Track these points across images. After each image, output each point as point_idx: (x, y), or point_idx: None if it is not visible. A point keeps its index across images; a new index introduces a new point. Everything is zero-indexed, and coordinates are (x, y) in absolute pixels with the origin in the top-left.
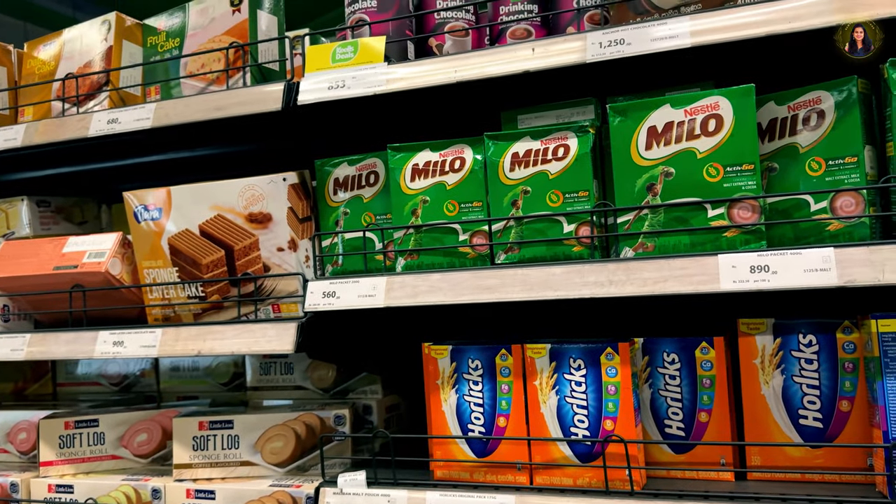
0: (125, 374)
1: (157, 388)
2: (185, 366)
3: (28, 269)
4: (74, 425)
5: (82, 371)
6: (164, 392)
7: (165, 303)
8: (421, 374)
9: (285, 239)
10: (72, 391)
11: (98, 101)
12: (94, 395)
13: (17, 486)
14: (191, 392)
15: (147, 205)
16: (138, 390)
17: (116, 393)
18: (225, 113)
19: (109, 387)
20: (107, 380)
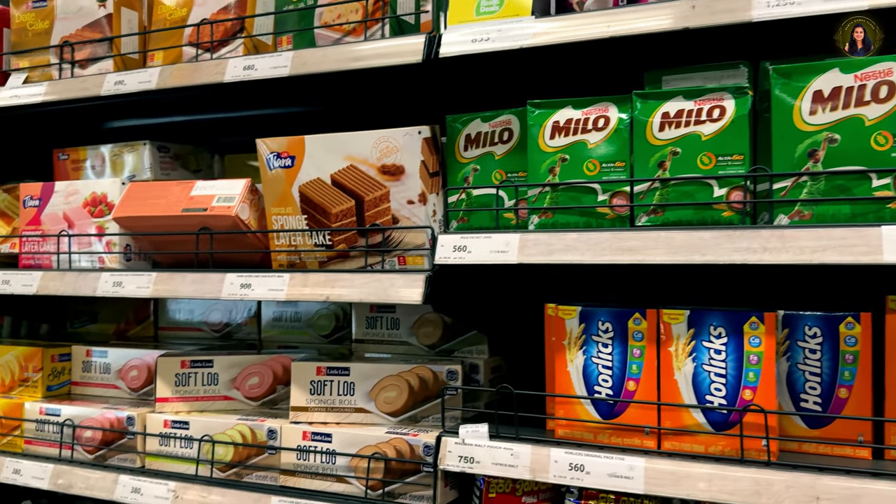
0: (227, 321)
1: (258, 336)
2: (286, 316)
3: (156, 209)
4: (190, 364)
5: (184, 317)
6: (264, 341)
7: (292, 249)
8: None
9: (416, 192)
10: (173, 335)
11: (231, 48)
12: (195, 340)
13: (133, 420)
14: (291, 342)
15: (280, 153)
16: (239, 338)
17: (217, 339)
18: (363, 64)
19: (211, 333)
20: (209, 326)
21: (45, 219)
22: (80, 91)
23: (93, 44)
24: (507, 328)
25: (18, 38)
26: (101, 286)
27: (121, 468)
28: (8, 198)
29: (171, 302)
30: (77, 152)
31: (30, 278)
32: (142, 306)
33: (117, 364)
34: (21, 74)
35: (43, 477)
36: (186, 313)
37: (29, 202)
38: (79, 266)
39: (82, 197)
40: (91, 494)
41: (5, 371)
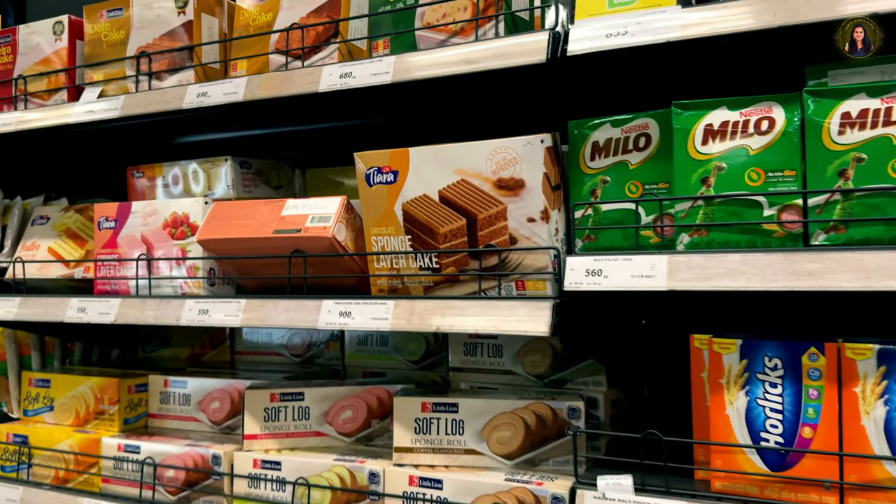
0: (309, 345)
1: (341, 362)
2: (373, 340)
3: (245, 231)
4: (280, 398)
5: (263, 340)
6: (348, 367)
7: (394, 273)
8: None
9: (538, 208)
10: (251, 360)
11: (324, 55)
12: (274, 365)
13: (220, 459)
14: (377, 368)
15: (381, 167)
16: (321, 363)
17: (298, 365)
18: (476, 67)
19: (291, 358)
20: (289, 351)
21: (122, 241)
22: (159, 104)
23: (171, 53)
24: (624, 356)
25: (93, 49)
26: (185, 314)
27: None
28: (80, 218)
29: None
30: (152, 169)
31: (107, 306)
32: (217, 329)
33: (197, 395)
34: (95, 88)
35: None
36: (265, 336)
37: (104, 223)
38: (160, 292)
39: (162, 218)
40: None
41: (80, 403)
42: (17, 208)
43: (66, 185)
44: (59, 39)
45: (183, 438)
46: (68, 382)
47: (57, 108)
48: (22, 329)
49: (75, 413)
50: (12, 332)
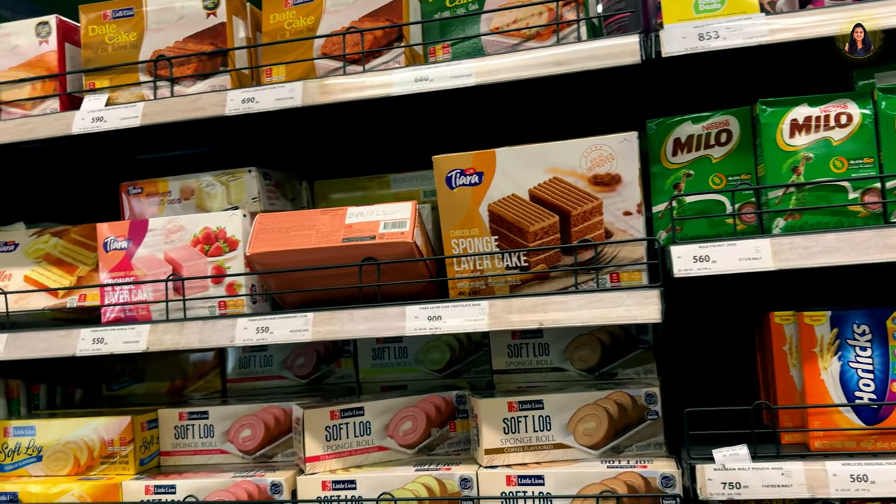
0: (314, 365)
1: (356, 379)
2: (390, 353)
3: (307, 241)
4: (340, 414)
5: (260, 365)
6: (364, 383)
7: (477, 275)
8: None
9: (634, 202)
10: (247, 388)
11: (387, 59)
12: (277, 390)
13: (280, 487)
14: (397, 381)
15: (465, 169)
16: (332, 383)
17: (305, 387)
18: (566, 68)
19: (296, 380)
20: (293, 372)
21: (139, 262)
22: (191, 111)
23: (200, 58)
24: (669, 341)
25: (94, 53)
26: (239, 335)
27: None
28: (61, 242)
29: (240, 349)
30: (154, 185)
31: (133, 333)
32: (202, 358)
33: (223, 424)
34: (99, 95)
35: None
36: (262, 360)
37: (113, 244)
38: (194, 314)
39: (191, 234)
40: None
41: (79, 448)
42: None
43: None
44: (45, 42)
45: (217, 473)
46: (62, 427)
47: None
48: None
49: (73, 461)
50: None
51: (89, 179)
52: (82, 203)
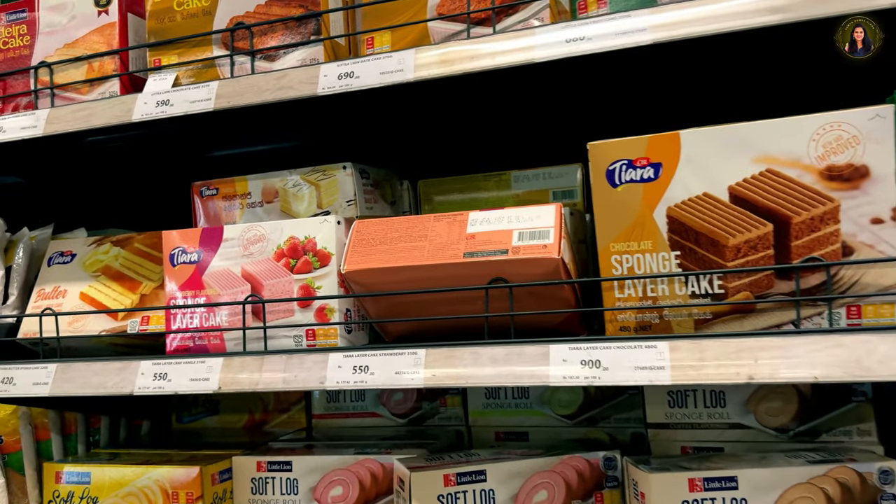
0: (415, 401)
1: (464, 421)
2: (508, 391)
3: (419, 256)
4: (457, 480)
5: (351, 399)
6: (474, 428)
7: (648, 304)
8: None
9: (888, 205)
10: (334, 425)
11: (526, 16)
12: (370, 430)
13: None
14: (516, 427)
15: (634, 160)
16: (436, 424)
17: (404, 427)
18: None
19: (393, 419)
20: (389, 409)
21: (212, 279)
22: (275, 91)
23: (286, 27)
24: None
25: (160, 23)
26: (332, 375)
27: None
28: (124, 253)
29: None
30: (231, 185)
31: (203, 369)
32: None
33: (309, 479)
34: (166, 74)
35: None
36: (354, 394)
37: (181, 257)
38: (276, 345)
39: (274, 245)
40: None
41: (137, 501)
42: (23, 244)
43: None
44: (105, 12)
45: None
46: (120, 475)
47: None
48: (54, 407)
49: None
50: (27, 411)
51: (158, 177)
52: (151, 205)
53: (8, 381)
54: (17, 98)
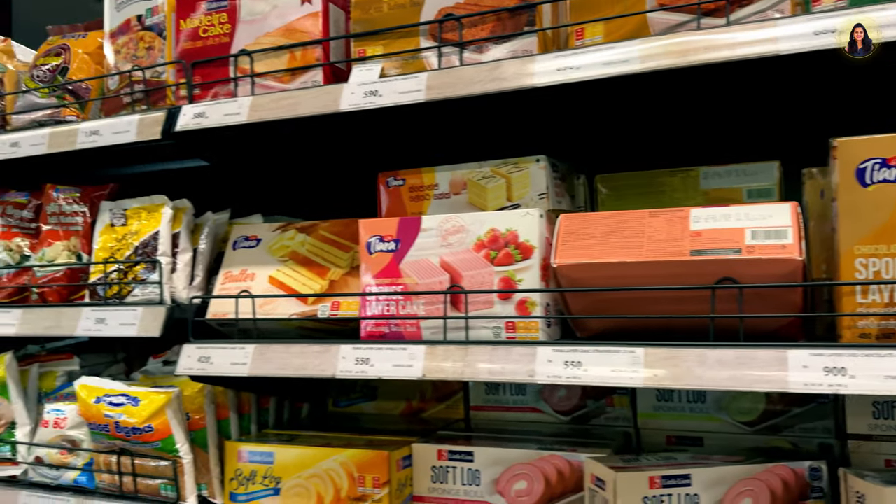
0: (579, 399)
1: (633, 422)
2: (682, 394)
3: (637, 252)
4: (661, 483)
5: (511, 393)
6: (643, 429)
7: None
8: None
9: None
10: (492, 418)
11: (758, 10)
12: (530, 425)
13: None
14: (689, 432)
15: (889, 159)
16: (601, 424)
17: (567, 426)
18: None
19: (555, 416)
20: (551, 406)
21: (409, 269)
22: (488, 83)
23: (499, 16)
24: None
25: (365, 13)
26: (541, 369)
27: None
28: (310, 240)
29: None
30: (419, 175)
31: (406, 355)
32: (446, 382)
33: (491, 471)
34: (372, 65)
35: None
36: (514, 388)
37: (377, 245)
38: (474, 336)
39: (474, 236)
40: None
41: (324, 485)
42: (208, 227)
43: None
44: (309, 2)
45: None
46: (304, 457)
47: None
48: (246, 389)
49: (316, 499)
50: (212, 390)
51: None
52: (328, 195)
53: (205, 360)
54: (215, 85)
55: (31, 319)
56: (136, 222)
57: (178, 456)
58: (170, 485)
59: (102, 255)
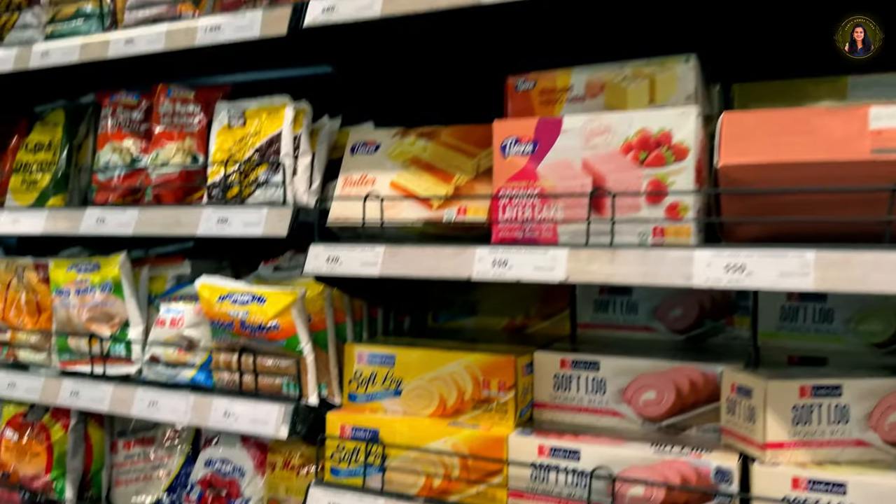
0: (696, 319)
1: (752, 343)
2: (806, 313)
3: (813, 151)
4: (812, 392)
5: (622, 311)
6: (763, 349)
7: None
8: None
9: None
10: (601, 336)
11: None
12: (643, 345)
13: (728, 475)
14: (812, 352)
15: None
16: (719, 343)
17: (682, 345)
18: None
19: (669, 334)
20: (665, 324)
21: (548, 171)
22: None
23: None
24: None
25: None
26: (699, 272)
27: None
28: (431, 145)
29: (597, 289)
30: (551, 78)
31: (547, 258)
32: (551, 294)
33: (619, 381)
34: None
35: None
36: (625, 307)
37: (513, 148)
38: (618, 241)
39: (621, 137)
40: None
41: (447, 387)
42: (324, 132)
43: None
44: None
45: (623, 442)
46: (427, 359)
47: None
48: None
49: (438, 401)
50: (331, 294)
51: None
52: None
53: (334, 261)
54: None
55: (148, 219)
56: (255, 122)
57: (302, 354)
58: (293, 382)
59: (220, 157)
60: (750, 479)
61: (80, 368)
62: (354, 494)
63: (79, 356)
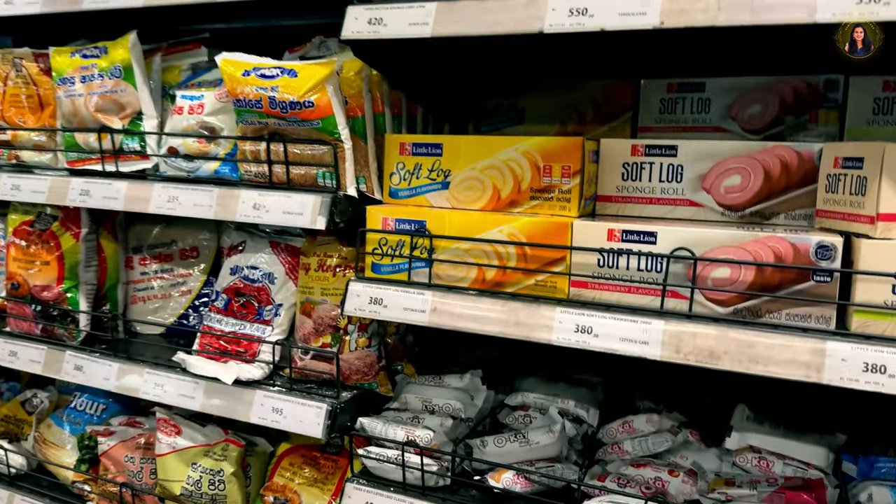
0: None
1: (839, 139)
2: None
3: None
4: None
5: (692, 111)
6: None
7: None
8: None
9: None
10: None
11: None
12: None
13: (831, 252)
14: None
15: None
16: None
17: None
18: None
19: (743, 134)
20: (739, 123)
21: None
22: None
23: None
24: None
25: None
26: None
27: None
28: None
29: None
30: None
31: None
32: (611, 94)
33: (698, 167)
34: None
35: (647, 341)
36: (696, 105)
37: None
38: None
39: None
40: (776, 373)
41: (500, 177)
42: None
43: None
44: None
45: (696, 224)
46: (479, 146)
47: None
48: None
49: (492, 192)
50: (369, 75)
51: None
52: None
53: (377, 22)
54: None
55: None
56: None
57: (340, 139)
58: (329, 172)
59: None
60: (853, 258)
61: (91, 167)
62: (399, 288)
63: (88, 153)
